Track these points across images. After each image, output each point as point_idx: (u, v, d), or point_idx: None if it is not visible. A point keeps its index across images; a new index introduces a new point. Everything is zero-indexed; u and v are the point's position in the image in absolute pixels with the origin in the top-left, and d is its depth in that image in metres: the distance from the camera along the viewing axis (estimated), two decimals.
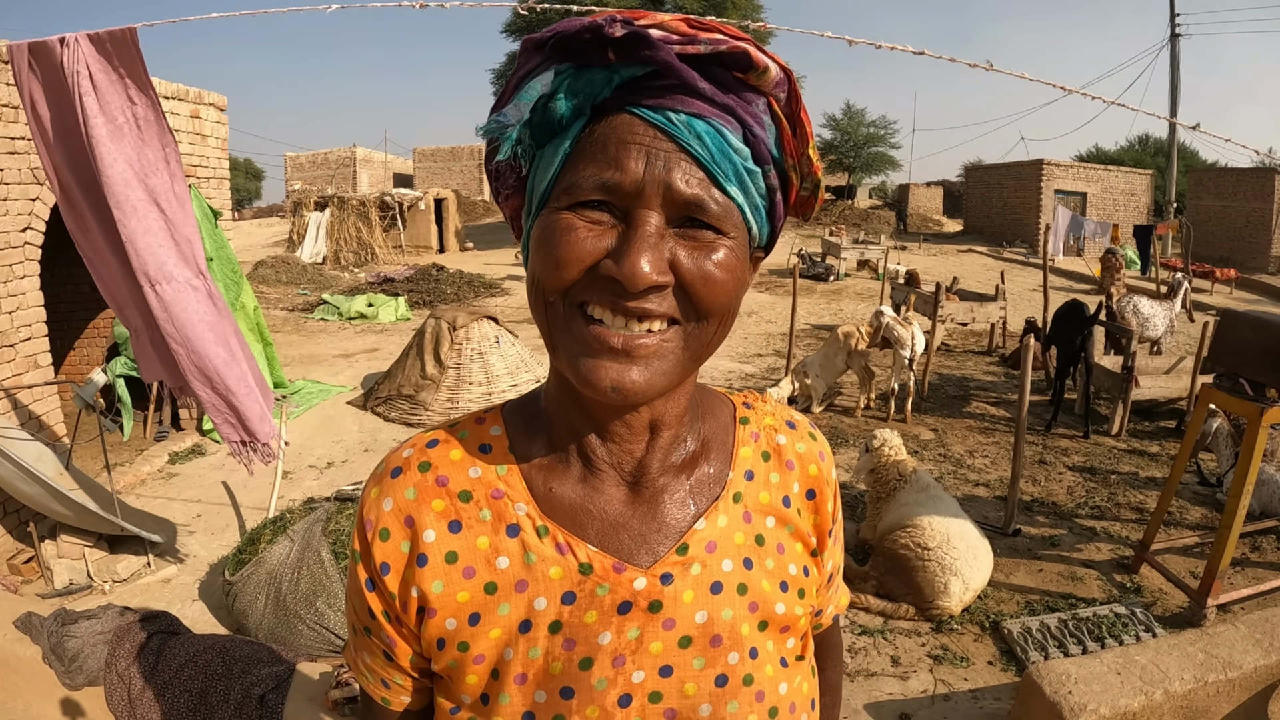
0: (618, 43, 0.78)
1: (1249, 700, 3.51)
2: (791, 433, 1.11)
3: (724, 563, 0.98)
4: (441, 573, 0.94)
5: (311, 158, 50.98)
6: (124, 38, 3.68)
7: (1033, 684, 3.39)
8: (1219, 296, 21.11)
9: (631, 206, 0.80)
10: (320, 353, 13.03)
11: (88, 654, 3.73)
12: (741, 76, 0.82)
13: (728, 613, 0.97)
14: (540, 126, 0.84)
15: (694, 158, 0.80)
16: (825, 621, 1.24)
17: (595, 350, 0.82)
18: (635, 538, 0.97)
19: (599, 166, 0.80)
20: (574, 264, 0.81)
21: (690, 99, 0.80)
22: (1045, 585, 5.39)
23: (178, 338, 4.06)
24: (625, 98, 0.81)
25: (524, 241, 0.92)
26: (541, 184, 0.86)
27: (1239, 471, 4.75)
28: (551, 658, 0.93)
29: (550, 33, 0.81)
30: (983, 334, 13.90)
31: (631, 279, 0.78)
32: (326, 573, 4.44)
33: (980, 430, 9.03)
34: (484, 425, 1.04)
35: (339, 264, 25.52)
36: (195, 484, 7.12)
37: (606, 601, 0.93)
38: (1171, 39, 32.58)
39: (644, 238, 0.79)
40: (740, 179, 0.84)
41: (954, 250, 30.66)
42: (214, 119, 8.59)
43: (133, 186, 3.85)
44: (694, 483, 1.01)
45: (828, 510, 1.10)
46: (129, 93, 3.78)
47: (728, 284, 0.84)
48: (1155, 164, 42.26)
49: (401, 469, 1.00)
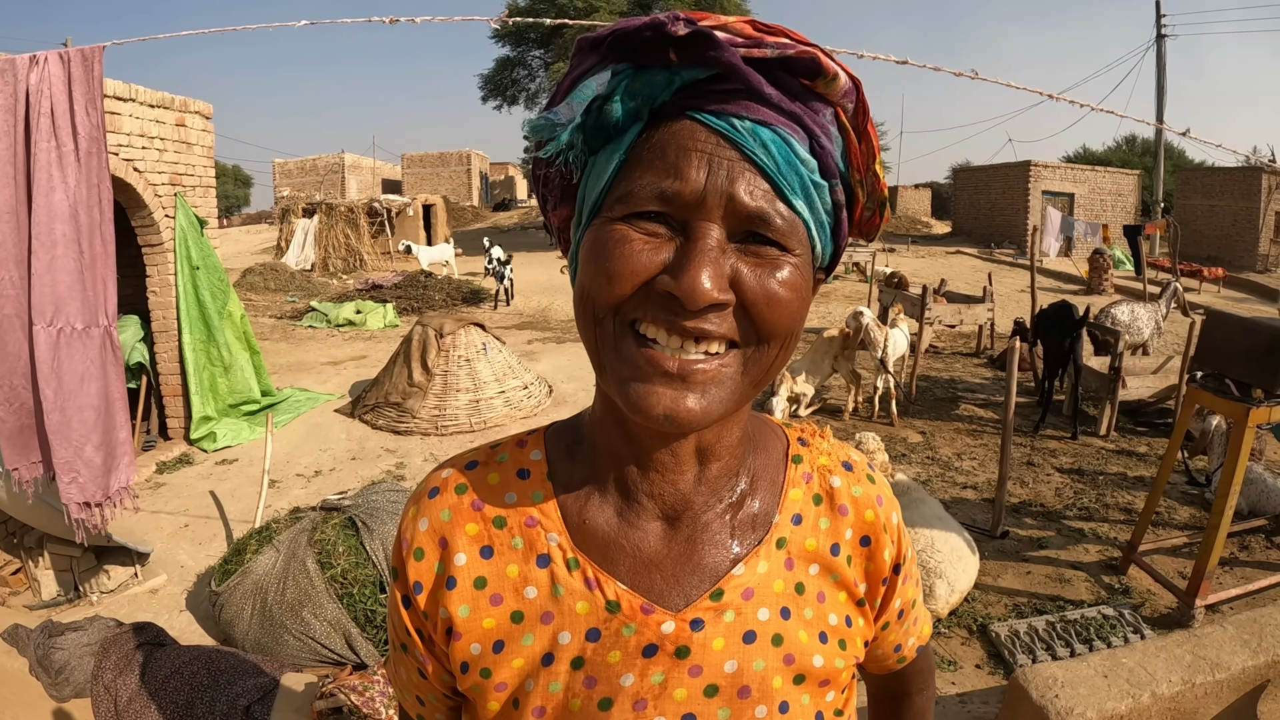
0: (680, 42, 0.74)
1: (1238, 702, 3.50)
2: (848, 475, 1.03)
3: (760, 611, 0.93)
4: (469, 597, 0.93)
5: (300, 164, 50.98)
6: (90, 57, 3.67)
7: (1019, 688, 3.38)
8: (1207, 295, 21.22)
9: (691, 218, 0.76)
10: (308, 360, 13.01)
11: (74, 666, 3.73)
12: (809, 84, 0.78)
13: (759, 664, 0.92)
14: (594, 130, 0.79)
15: (759, 168, 0.76)
16: (909, 654, 1.19)
17: (647, 374, 0.77)
18: (668, 578, 0.92)
19: (657, 174, 0.76)
20: (627, 278, 0.76)
21: (756, 105, 0.76)
22: (1033, 587, 5.39)
23: (54, 384, 3.97)
24: (686, 102, 0.76)
25: (571, 254, 0.88)
26: (593, 192, 0.82)
27: (1225, 471, 4.77)
28: (571, 694, 0.90)
29: (608, 30, 0.77)
30: (971, 336, 13.91)
31: (691, 295, 0.73)
32: (312, 583, 4.42)
33: (968, 432, 9.04)
34: (525, 449, 1.01)
35: (327, 271, 25.50)
36: (182, 494, 7.10)
37: (632, 643, 0.90)
38: (1158, 40, 32.69)
39: (704, 251, 0.74)
40: (806, 193, 0.79)
41: (942, 252, 30.72)
42: (200, 127, 8.57)
43: (60, 219, 3.81)
44: (737, 523, 0.95)
45: (883, 557, 1.02)
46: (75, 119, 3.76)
47: (792, 304, 0.79)
48: (1143, 164, 42.38)
49: (439, 490, 0.98)
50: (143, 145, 7.60)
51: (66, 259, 3.87)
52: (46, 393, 3.95)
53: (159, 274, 8.10)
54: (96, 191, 3.92)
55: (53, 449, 4.06)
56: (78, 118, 3.77)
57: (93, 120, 3.79)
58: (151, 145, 7.73)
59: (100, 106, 3.80)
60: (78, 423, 4.09)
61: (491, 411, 9.21)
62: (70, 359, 3.99)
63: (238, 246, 31.70)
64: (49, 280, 3.85)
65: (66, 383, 4.00)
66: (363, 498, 5.06)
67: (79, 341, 4.01)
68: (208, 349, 8.54)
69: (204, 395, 8.49)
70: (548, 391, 10.35)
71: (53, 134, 3.69)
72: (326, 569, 4.48)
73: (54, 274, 3.85)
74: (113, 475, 4.31)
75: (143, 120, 7.60)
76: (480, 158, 57.68)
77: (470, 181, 54.68)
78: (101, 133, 3.86)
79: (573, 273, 0.87)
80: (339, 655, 4.37)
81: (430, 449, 8.47)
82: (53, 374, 3.95)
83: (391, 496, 5.07)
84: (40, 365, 3.92)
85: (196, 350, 8.39)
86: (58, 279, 3.87)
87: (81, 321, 3.99)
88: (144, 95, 7.63)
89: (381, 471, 7.75)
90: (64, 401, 4.01)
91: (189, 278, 8.19)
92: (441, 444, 8.63)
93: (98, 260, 4.00)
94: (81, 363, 4.04)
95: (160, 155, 7.87)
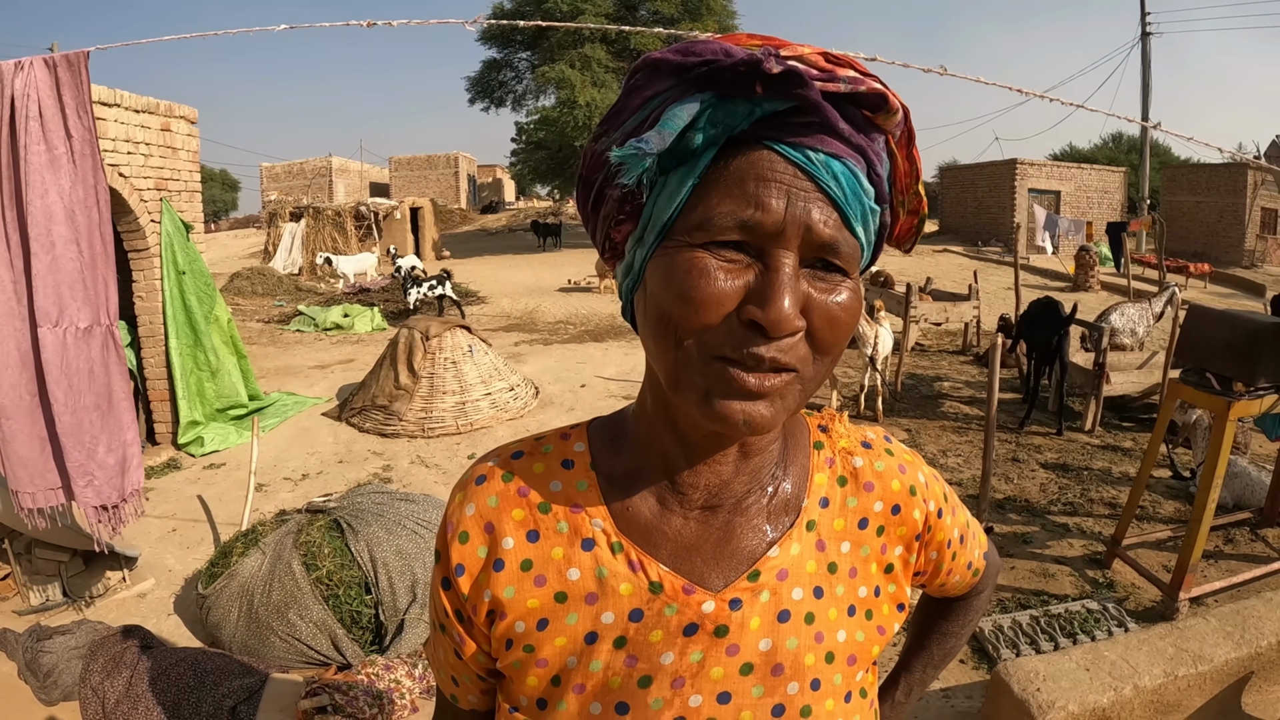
0: (770, 78, 0.75)
1: (1222, 693, 3.52)
2: (868, 453, 1.09)
3: (794, 591, 0.98)
4: (515, 579, 0.96)
5: (288, 168, 50.83)
6: (76, 62, 3.69)
7: (1001, 682, 3.40)
8: (1193, 291, 21.31)
9: (769, 246, 0.78)
10: (296, 364, 12.98)
11: (62, 669, 3.73)
12: (870, 116, 0.81)
13: (792, 642, 0.97)
14: (669, 153, 0.80)
15: (830, 199, 0.79)
16: (980, 564, 1.27)
17: (730, 391, 0.80)
18: (708, 561, 0.97)
19: (736, 203, 0.78)
20: (714, 307, 0.79)
21: (829, 138, 0.79)
22: (1017, 583, 5.42)
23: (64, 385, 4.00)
24: (762, 131, 0.78)
25: (625, 268, 0.91)
26: (664, 214, 0.83)
27: (1207, 465, 4.80)
28: (612, 672, 0.94)
29: (699, 61, 0.77)
30: (957, 333, 13.97)
31: (777, 324, 0.76)
32: (298, 585, 4.43)
33: (954, 430, 9.08)
34: (569, 441, 1.05)
35: (315, 274, 25.44)
36: (170, 498, 7.09)
37: (673, 622, 0.94)
38: (1143, 37, 32.79)
39: (786, 280, 0.77)
40: (865, 219, 0.83)
41: (929, 250, 30.75)
42: (185, 131, 8.55)
43: (57, 221, 3.84)
44: (771, 508, 1.00)
45: (914, 518, 1.08)
46: (68, 124, 3.79)
47: (849, 325, 0.83)
48: (1129, 161, 42.49)
49: (486, 477, 1.02)
50: (128, 151, 7.58)
51: (66, 260, 3.90)
52: (57, 394, 3.98)
53: (145, 279, 8.09)
54: (93, 192, 3.95)
55: (65, 452, 4.08)
56: (70, 121, 3.79)
57: (84, 123, 3.82)
58: (137, 150, 7.71)
59: (91, 110, 3.82)
60: (88, 424, 4.11)
61: (478, 413, 9.21)
62: (77, 359, 4.02)
63: (225, 251, 31.64)
64: (51, 282, 3.88)
65: (75, 384, 4.03)
66: (348, 500, 5.07)
67: (84, 341, 4.05)
68: (194, 354, 8.52)
69: (191, 400, 8.47)
70: (534, 393, 10.34)
71: (43, 138, 3.72)
72: (312, 571, 4.49)
73: (55, 275, 3.89)
74: (126, 477, 4.33)
75: (128, 125, 7.58)
76: (468, 160, 57.64)
77: (458, 184, 54.65)
78: (93, 135, 3.89)
79: (627, 287, 0.91)
80: (325, 656, 4.38)
81: (417, 451, 8.47)
82: (62, 375, 3.98)
83: (377, 498, 5.08)
84: (49, 367, 3.95)
85: (183, 355, 8.38)
86: (59, 280, 3.91)
87: (85, 321, 4.03)
88: (129, 100, 7.61)
89: (368, 474, 7.75)
90: (74, 403, 4.04)
91: (175, 283, 8.18)
92: (428, 446, 8.63)
93: (98, 260, 4.03)
94: (87, 362, 4.07)
95: (146, 160, 7.86)
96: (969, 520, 1.22)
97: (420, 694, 4.10)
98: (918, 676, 1.42)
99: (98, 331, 4.10)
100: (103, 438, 4.19)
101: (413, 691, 4.03)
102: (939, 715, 4.01)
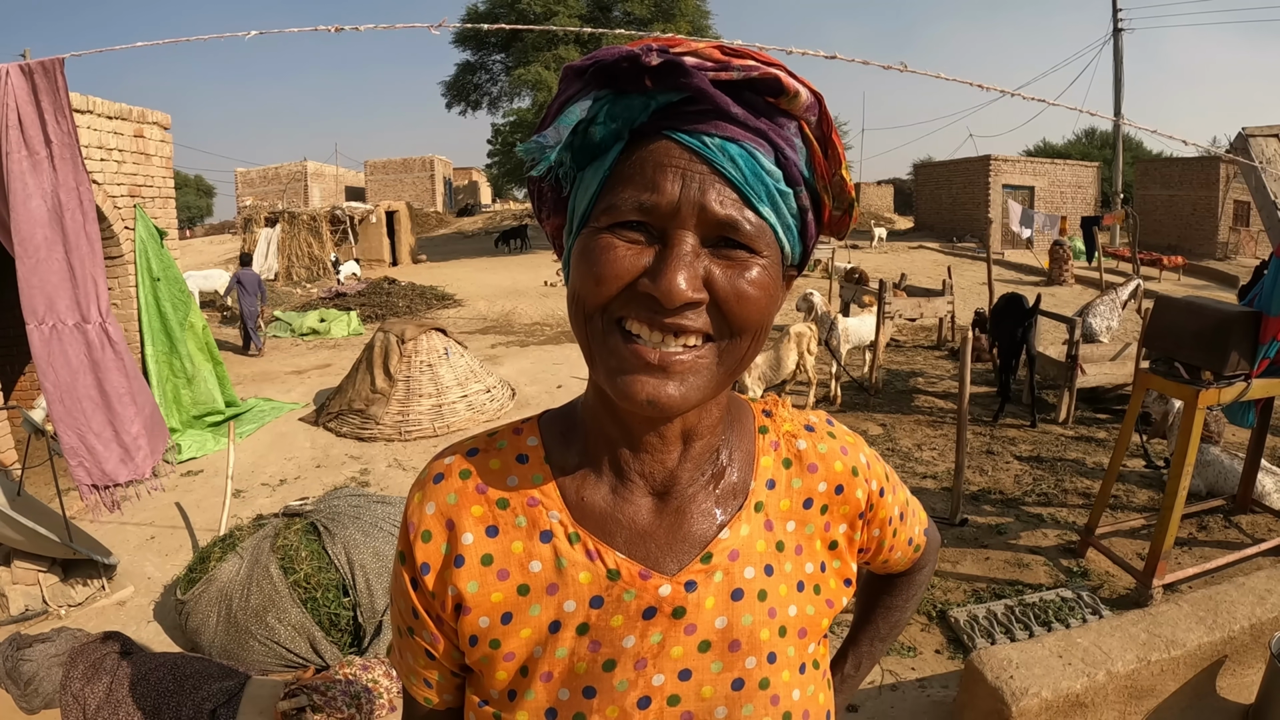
0: (654, 71, 0.81)
1: (1196, 677, 3.55)
2: (811, 435, 1.13)
3: (746, 570, 1.02)
4: (477, 574, 0.99)
5: (262, 173, 50.57)
6: (52, 68, 3.71)
7: (975, 671, 3.42)
8: (1167, 284, 21.43)
9: (668, 227, 0.83)
10: (272, 370, 12.95)
11: (43, 677, 3.72)
12: (773, 101, 0.85)
13: (747, 618, 1.01)
14: (581, 150, 0.87)
15: (728, 180, 0.83)
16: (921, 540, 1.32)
17: (633, 366, 0.85)
18: (662, 546, 1.00)
19: (637, 189, 0.83)
20: (613, 281, 0.84)
21: (724, 123, 0.83)
22: (992, 573, 5.46)
23: (51, 377, 4.13)
24: (662, 122, 0.84)
25: (564, 259, 0.95)
26: (582, 204, 0.90)
27: (1177, 452, 4.84)
28: (577, 658, 0.98)
29: (589, 61, 0.84)
30: (932, 329, 14.03)
31: (668, 295, 0.81)
32: (275, 588, 4.43)
33: (929, 423, 9.13)
34: (521, 436, 1.08)
35: (291, 279, 25.31)
36: (148, 506, 7.05)
37: (632, 607, 0.98)
38: (1115, 34, 32.94)
39: (679, 256, 0.82)
40: (772, 200, 0.86)
41: (905, 247, 30.83)
42: (158, 138, 8.54)
43: (40, 224, 3.94)
44: (720, 493, 1.04)
45: (857, 497, 1.12)
46: (46, 130, 3.84)
47: (760, 301, 0.87)
48: (1102, 156, 42.78)
49: (444, 475, 1.04)
50: (100, 158, 7.57)
51: (51, 261, 4.02)
52: (46, 385, 4.14)
53: (119, 286, 8.07)
54: (76, 195, 4.03)
55: (60, 436, 4.23)
56: (49, 127, 3.85)
57: (64, 128, 3.90)
58: (110, 157, 7.70)
59: (70, 115, 3.89)
60: (77, 412, 4.24)
61: (454, 416, 9.21)
62: (63, 353, 4.14)
63: (201, 257, 31.41)
64: (36, 282, 3.99)
65: (61, 376, 4.16)
66: (325, 503, 5.07)
67: (70, 337, 4.16)
68: (170, 360, 8.51)
69: (168, 407, 8.45)
70: (510, 395, 10.34)
71: (23, 144, 3.78)
72: (289, 574, 4.49)
73: (41, 276, 3.99)
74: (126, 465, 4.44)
75: (100, 132, 7.57)
76: (444, 163, 57.50)
77: (434, 187, 54.55)
78: (74, 139, 3.96)
79: (565, 276, 0.95)
80: (303, 658, 4.38)
81: (394, 454, 8.46)
82: (49, 368, 4.11)
83: (353, 501, 5.08)
84: (37, 360, 4.10)
85: (159, 362, 8.36)
86: (45, 280, 4.01)
87: (72, 318, 4.15)
88: (101, 107, 7.60)
89: (346, 478, 7.74)
90: (62, 393, 4.17)
91: (150, 289, 8.16)
92: (405, 449, 8.63)
93: (85, 260, 4.13)
94: (75, 357, 4.19)
95: (119, 167, 7.85)
96: (909, 498, 1.27)
97: (398, 693, 4.10)
98: (865, 650, 1.48)
99: (88, 329, 4.22)
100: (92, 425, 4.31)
101: (390, 690, 4.04)
102: (915, 705, 4.03)
